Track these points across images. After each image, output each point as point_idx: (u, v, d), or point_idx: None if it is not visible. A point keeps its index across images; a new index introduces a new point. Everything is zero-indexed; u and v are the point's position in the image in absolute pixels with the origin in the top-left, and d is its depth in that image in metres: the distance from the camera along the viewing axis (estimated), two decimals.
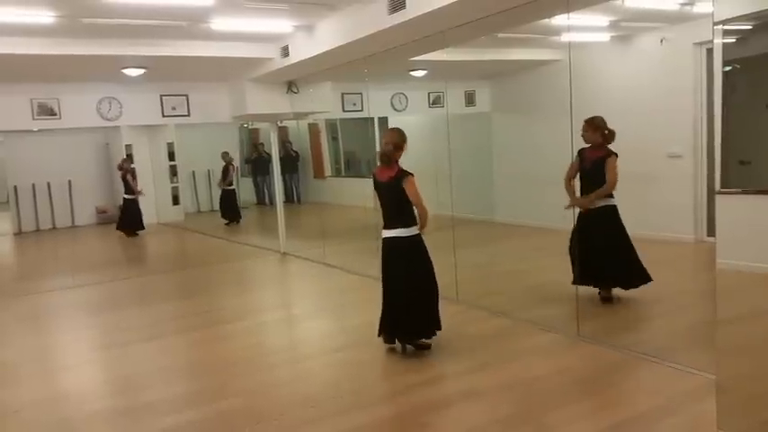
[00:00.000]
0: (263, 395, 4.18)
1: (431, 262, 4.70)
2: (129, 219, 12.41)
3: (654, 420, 3.44)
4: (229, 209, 13.51)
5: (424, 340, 4.72)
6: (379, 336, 4.80)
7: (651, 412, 3.53)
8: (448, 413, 3.67)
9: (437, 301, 4.72)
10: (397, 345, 4.80)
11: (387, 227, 4.67)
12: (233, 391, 4.23)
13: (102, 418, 4.00)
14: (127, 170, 12.33)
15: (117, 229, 12.58)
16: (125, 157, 13.15)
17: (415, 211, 4.62)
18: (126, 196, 12.39)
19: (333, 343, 5.30)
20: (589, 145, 5.48)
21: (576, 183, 5.65)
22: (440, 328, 4.71)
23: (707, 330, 3.61)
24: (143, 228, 12.59)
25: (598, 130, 5.37)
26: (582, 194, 5.55)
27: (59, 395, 4.41)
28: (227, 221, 13.45)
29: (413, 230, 4.60)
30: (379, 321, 4.79)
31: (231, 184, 13.42)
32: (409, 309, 4.59)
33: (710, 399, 3.27)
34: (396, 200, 4.60)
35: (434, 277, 4.72)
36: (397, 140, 4.63)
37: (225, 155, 13.41)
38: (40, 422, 3.97)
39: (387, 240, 4.67)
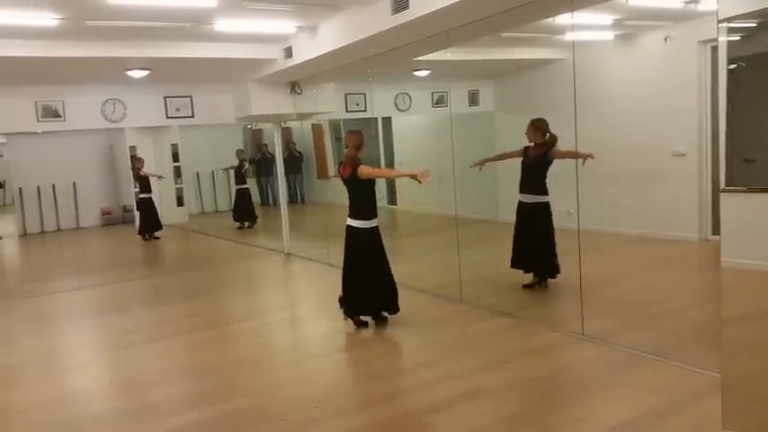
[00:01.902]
0: (268, 396, 4.18)
1: (384, 249, 5.41)
2: (148, 220, 12.09)
3: (659, 419, 3.43)
4: (244, 210, 12.98)
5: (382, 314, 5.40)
6: (341, 308, 5.44)
7: (656, 411, 3.52)
8: (451, 413, 3.67)
9: (393, 284, 5.40)
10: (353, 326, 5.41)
11: (350, 216, 5.34)
12: (238, 391, 4.24)
13: (107, 418, 4.02)
14: (139, 168, 11.96)
15: (141, 234, 12.16)
16: (135, 156, 12.69)
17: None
18: (142, 196, 12.07)
19: (336, 343, 5.30)
20: (533, 144, 6.08)
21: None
22: (396, 310, 5.40)
23: (712, 329, 3.60)
24: (161, 228, 12.27)
25: (539, 131, 6.00)
26: (521, 188, 6.17)
27: (65, 396, 4.42)
28: (241, 224, 12.93)
29: (372, 223, 5.31)
30: (341, 298, 5.44)
31: (245, 184, 12.95)
32: (368, 288, 5.31)
33: (716, 398, 3.25)
34: (357, 191, 5.27)
35: (387, 262, 5.40)
36: (361, 142, 5.32)
37: (240, 152, 13.12)
38: (45, 423, 3.99)
39: (349, 228, 5.35)
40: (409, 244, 10.31)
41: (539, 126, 6.02)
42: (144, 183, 12.07)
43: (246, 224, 12.98)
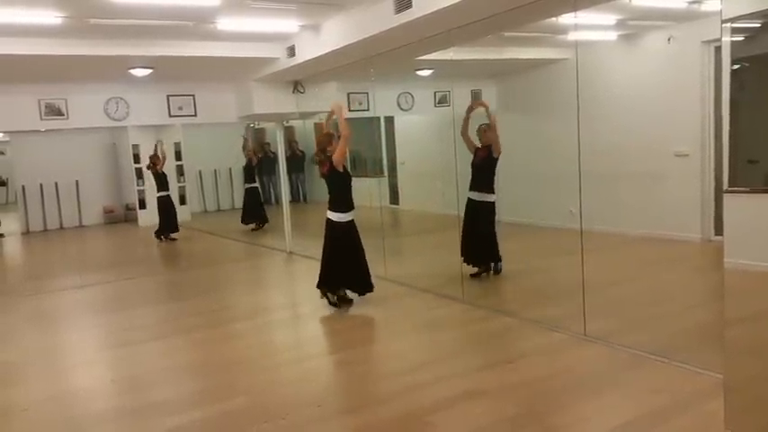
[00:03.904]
0: (270, 394, 4.18)
1: (359, 240, 5.92)
2: (167, 220, 11.63)
3: (661, 420, 3.42)
4: (254, 211, 12.57)
5: (348, 294, 5.99)
6: (318, 287, 6.00)
7: (658, 412, 3.51)
8: (453, 412, 3.67)
9: (366, 267, 5.95)
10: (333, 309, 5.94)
11: (329, 210, 5.81)
12: (240, 390, 4.24)
13: (109, 417, 4.02)
14: (156, 163, 11.42)
15: (158, 236, 11.67)
16: (152, 153, 11.81)
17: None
18: (160, 194, 11.56)
19: (338, 342, 5.30)
20: (480, 147, 6.62)
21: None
22: (371, 290, 5.92)
23: (714, 330, 3.60)
24: (177, 230, 11.78)
25: (492, 133, 6.58)
26: (471, 186, 6.62)
27: (67, 394, 4.43)
28: (256, 226, 12.51)
29: (348, 216, 5.79)
30: (319, 279, 5.99)
31: (255, 182, 12.60)
32: (347, 270, 5.85)
33: (718, 399, 3.25)
34: (336, 186, 5.73)
35: (363, 249, 5.94)
36: (324, 144, 5.75)
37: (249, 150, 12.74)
38: (47, 421, 3.99)
39: (328, 222, 5.84)
40: (411, 243, 10.31)
41: (493, 129, 6.57)
42: (161, 180, 11.57)
43: (259, 225, 12.59)
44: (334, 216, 5.79)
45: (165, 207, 11.63)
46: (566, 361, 4.44)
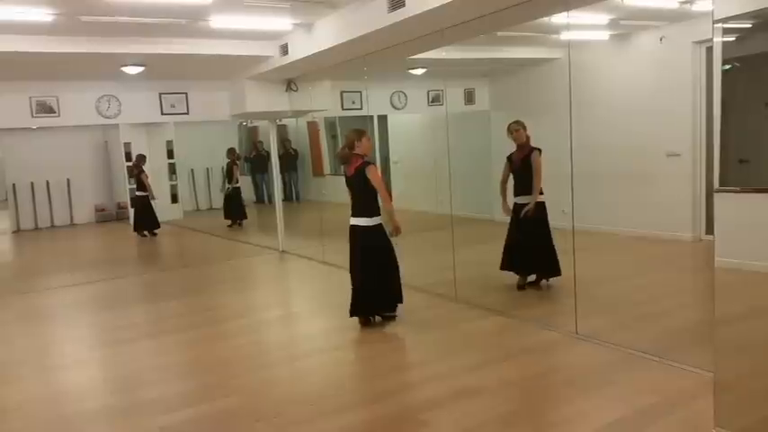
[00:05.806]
0: (262, 393, 4.18)
1: (391, 246, 5.39)
2: (145, 218, 12.02)
3: (652, 418, 3.45)
4: (235, 208, 12.86)
5: (388, 313, 5.44)
6: (351, 316, 5.34)
7: (649, 410, 3.54)
8: (447, 411, 3.68)
9: (399, 278, 5.43)
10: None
11: (354, 215, 5.31)
12: (232, 389, 4.24)
13: (101, 415, 4.01)
14: (138, 164, 11.94)
15: (136, 230, 12.17)
16: (141, 155, 12.33)
17: (379, 201, 5.23)
18: (138, 194, 12.04)
19: (331, 341, 5.30)
20: (515, 150, 6.18)
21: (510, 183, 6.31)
22: (402, 302, 5.45)
23: (705, 328, 3.62)
24: (158, 226, 12.19)
25: (525, 129, 6.18)
26: (515, 190, 6.21)
27: (59, 393, 4.42)
28: (231, 223, 12.81)
29: (376, 220, 5.28)
30: (351, 303, 5.34)
31: (237, 182, 12.83)
32: (379, 287, 5.30)
33: (708, 397, 3.27)
34: (361, 190, 5.25)
35: (395, 258, 5.41)
36: (352, 140, 5.25)
37: (230, 151, 12.97)
38: (39, 419, 3.97)
39: (353, 228, 5.33)
40: (404, 242, 10.30)
41: (524, 126, 6.18)
42: (139, 182, 12.04)
43: (237, 222, 12.88)
44: (362, 221, 5.26)
45: (141, 206, 12.08)
46: (558, 359, 4.46)
